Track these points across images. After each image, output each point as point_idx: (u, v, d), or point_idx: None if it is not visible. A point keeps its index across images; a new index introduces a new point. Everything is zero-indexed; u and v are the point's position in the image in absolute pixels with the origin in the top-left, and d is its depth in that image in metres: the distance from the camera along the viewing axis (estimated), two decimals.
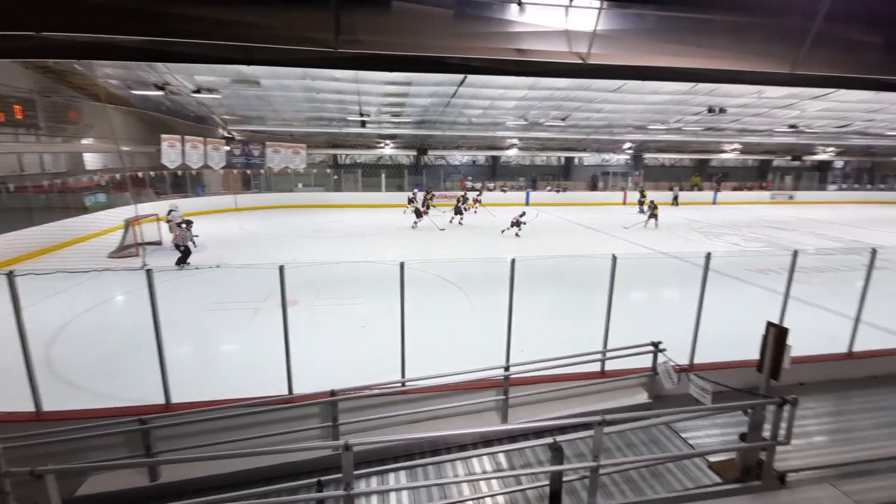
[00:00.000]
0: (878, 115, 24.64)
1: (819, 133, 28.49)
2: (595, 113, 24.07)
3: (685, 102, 22.15)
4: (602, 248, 16.29)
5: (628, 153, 34.00)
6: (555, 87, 19.60)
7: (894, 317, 7.33)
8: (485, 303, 9.76)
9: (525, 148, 32.56)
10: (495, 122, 25.77)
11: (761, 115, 24.35)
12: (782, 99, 21.22)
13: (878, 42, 3.74)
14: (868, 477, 4.13)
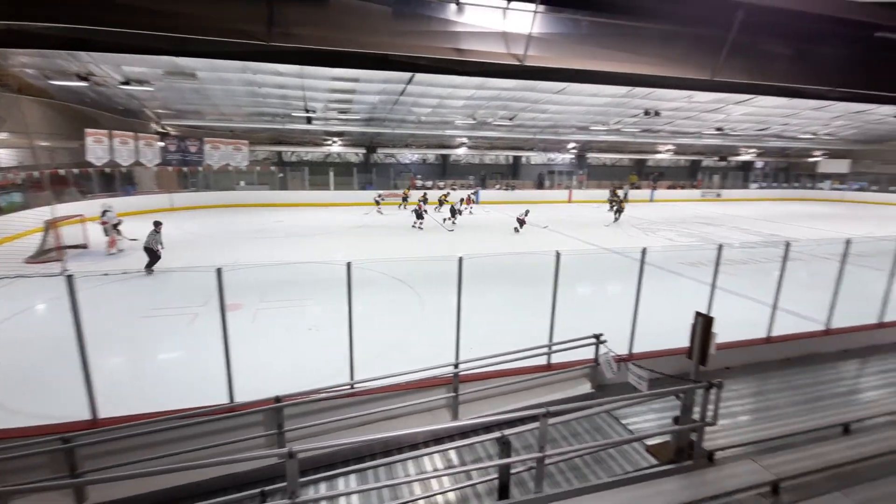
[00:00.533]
0: (792, 119, 27.03)
1: (742, 135, 30.88)
2: (541, 114, 24.75)
3: (624, 105, 23.25)
4: (548, 244, 16.79)
5: (573, 153, 35.23)
6: (502, 88, 19.96)
7: (806, 303, 8.08)
8: (436, 301, 9.80)
9: (474, 147, 32.94)
10: (444, 120, 25.88)
11: (691, 118, 26.01)
12: (710, 103, 22.78)
13: (788, 53, 4.11)
14: (784, 450, 4.53)
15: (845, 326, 7.68)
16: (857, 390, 6.44)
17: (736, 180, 38.93)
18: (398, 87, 19.50)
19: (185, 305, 9.45)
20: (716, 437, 4.81)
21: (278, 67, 16.55)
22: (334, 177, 29.31)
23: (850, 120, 27.35)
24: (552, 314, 6.19)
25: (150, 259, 12.18)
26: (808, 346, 7.43)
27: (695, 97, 21.25)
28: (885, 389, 6.37)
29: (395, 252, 14.91)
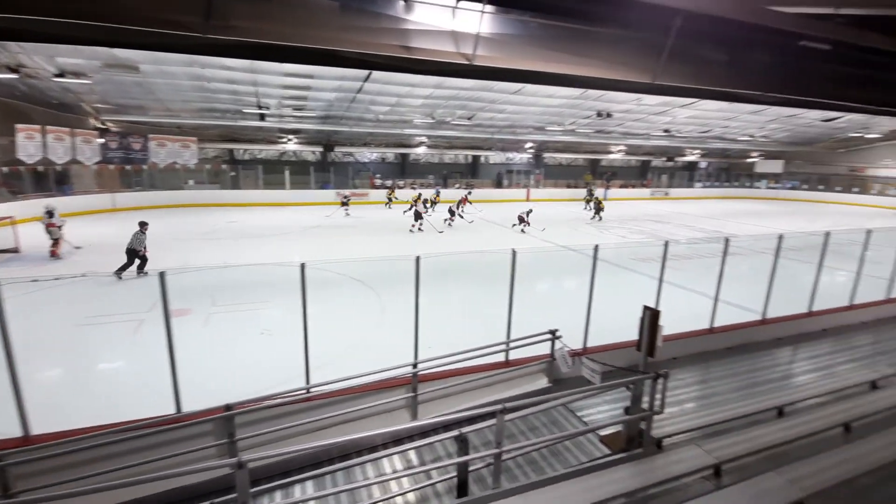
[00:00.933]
0: (731, 122, 28.71)
1: (687, 137, 32.51)
2: (498, 113, 25.08)
3: (577, 106, 23.93)
4: (507, 242, 17.05)
5: (530, 152, 35.93)
6: (460, 87, 20.07)
7: (745, 295, 8.60)
8: (396, 301, 9.74)
9: (433, 146, 32.96)
10: (403, 119, 25.74)
11: (641, 120, 27.11)
12: (657, 106, 23.82)
13: (724, 59, 4.36)
14: (725, 434, 4.81)
15: (779, 316, 8.25)
16: (789, 375, 6.93)
17: (682, 180, 40.94)
18: (355, 85, 19.21)
19: (130, 312, 8.94)
20: (664, 424, 5.03)
21: (227, 62, 15.93)
22: (290, 176, 28.52)
23: (783, 123, 29.36)
24: (509, 311, 6.29)
25: (129, 262, 11.59)
26: (746, 335, 7.92)
27: (643, 100, 22.16)
28: (814, 374, 6.89)
29: (355, 252, 14.69)
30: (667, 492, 4.04)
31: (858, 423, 5.10)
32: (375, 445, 5.05)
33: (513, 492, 3.95)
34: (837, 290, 9.31)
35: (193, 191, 26.51)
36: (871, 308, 9.31)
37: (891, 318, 9.45)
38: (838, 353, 7.68)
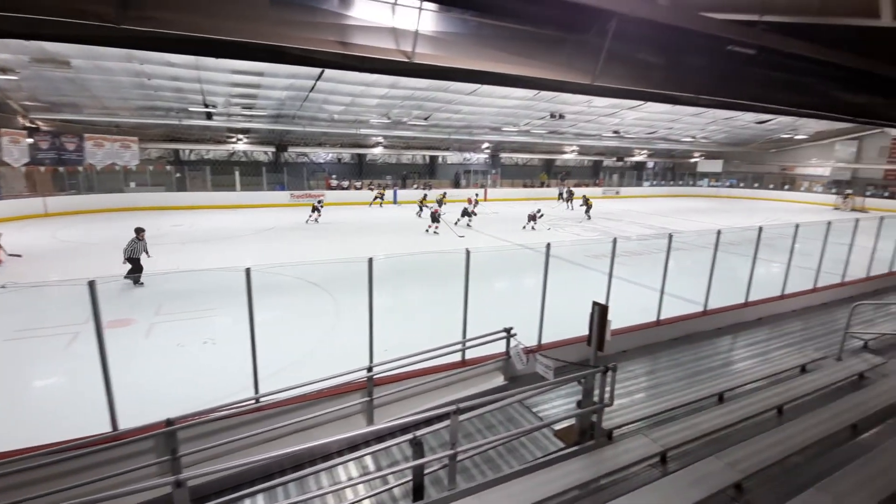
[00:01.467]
0: (675, 124, 30.19)
1: (635, 138, 33.92)
2: (454, 114, 25.20)
3: (531, 108, 24.42)
4: (464, 242, 17.15)
5: (486, 153, 36.34)
6: (415, 87, 20.02)
7: (689, 288, 9.04)
8: (351, 304, 9.56)
9: (390, 146, 32.71)
10: (359, 119, 25.39)
11: (592, 121, 28.01)
12: (607, 108, 24.69)
13: (660, 62, 4.56)
14: (671, 423, 5.02)
15: (719, 307, 8.73)
16: (729, 363, 7.34)
17: (632, 179, 42.66)
18: (307, 83, 18.76)
19: (62, 325, 8.31)
20: (614, 416, 5.19)
21: (170, 58, 15.14)
22: (241, 177, 27.49)
23: (721, 125, 31.18)
24: (464, 311, 6.31)
25: (133, 268, 11.18)
26: (690, 327, 8.32)
27: (593, 102, 22.90)
28: (751, 360, 7.33)
29: (311, 255, 14.32)
30: (616, 482, 4.17)
31: (790, 406, 5.46)
32: (330, 453, 4.93)
33: (468, 492, 3.95)
34: (771, 281, 9.96)
35: (135, 193, 25.06)
36: (801, 297, 10.02)
37: (818, 305, 10.22)
38: (772, 340, 8.21)
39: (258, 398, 4.94)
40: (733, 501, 3.88)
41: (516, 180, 38.39)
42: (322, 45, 3.13)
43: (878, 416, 5.07)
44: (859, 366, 6.36)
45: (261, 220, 21.93)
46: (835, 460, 4.21)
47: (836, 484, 3.54)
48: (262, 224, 20.72)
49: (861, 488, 3.50)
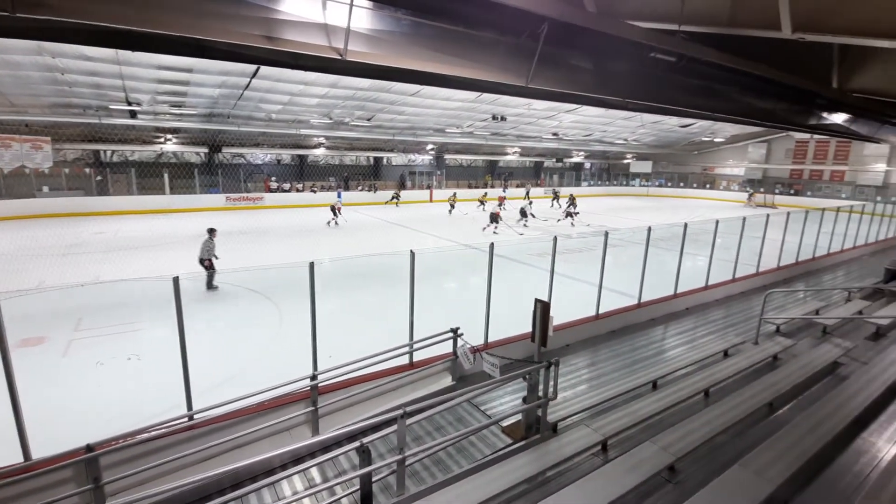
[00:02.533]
0: (609, 127, 31.78)
1: (573, 140, 35.37)
2: (398, 115, 25.06)
3: (474, 109, 24.78)
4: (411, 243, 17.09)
5: (431, 154, 36.46)
6: (357, 87, 19.70)
7: (625, 282, 9.53)
8: (295, 311, 9.22)
9: (333, 147, 31.97)
10: (298, 119, 24.60)
11: (532, 123, 28.88)
12: (546, 111, 25.53)
13: (590, 66, 4.77)
14: (610, 411, 5.25)
15: (651, 299, 9.26)
16: (662, 351, 7.80)
17: (571, 179, 44.45)
18: (242, 81, 17.94)
19: None
20: (559, 409, 5.36)
21: (85, 50, 13.94)
22: (171, 179, 25.79)
23: (650, 129, 33.21)
24: (411, 313, 6.27)
25: (209, 272, 10.86)
26: (626, 319, 8.77)
27: (533, 105, 23.59)
28: (681, 348, 7.83)
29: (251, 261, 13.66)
30: (561, 472, 4.30)
31: (714, 388, 5.89)
32: (273, 468, 4.72)
33: (418, 496, 3.92)
34: (696, 273, 10.71)
35: (49, 199, 22.78)
36: (722, 287, 10.86)
37: (737, 294, 11.12)
38: (699, 328, 8.83)
39: (192, 415, 4.64)
40: (667, 482, 4.11)
41: (461, 181, 38.83)
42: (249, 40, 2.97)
43: (791, 393, 5.59)
44: (773, 348, 6.98)
45: (194, 225, 20.63)
46: (755, 437, 4.58)
47: (756, 459, 3.84)
48: (195, 229, 19.50)
49: (778, 461, 3.83)
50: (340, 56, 3.36)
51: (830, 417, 4.50)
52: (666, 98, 5.87)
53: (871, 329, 7.73)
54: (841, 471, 3.95)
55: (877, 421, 4.70)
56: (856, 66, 6.99)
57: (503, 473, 4.11)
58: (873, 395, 4.98)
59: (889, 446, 4.25)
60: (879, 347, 6.96)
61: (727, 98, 6.61)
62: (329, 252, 15.40)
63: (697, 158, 43.75)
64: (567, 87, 4.76)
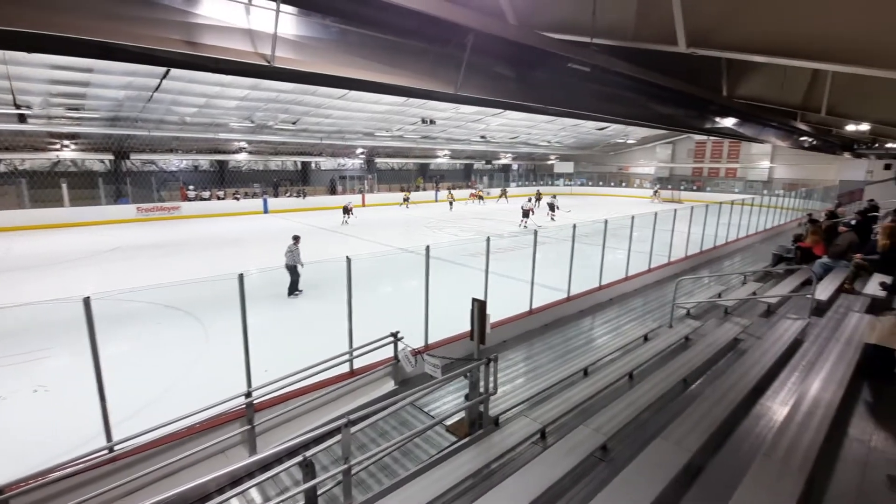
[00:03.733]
0: (533, 130, 33.21)
1: (500, 142, 36.54)
2: (325, 118, 24.47)
3: (403, 113, 24.82)
4: (346, 249, 16.78)
5: (361, 158, 35.98)
6: (279, 90, 19.00)
7: (555, 277, 10.04)
8: (222, 326, 8.73)
9: (256, 152, 30.53)
10: (217, 122, 23.22)
11: (461, 126, 29.46)
12: (473, 115, 26.18)
13: (513, 75, 5.04)
14: (547, 401, 5.52)
15: (580, 292, 9.85)
16: (591, 340, 8.32)
17: (500, 180, 45.87)
18: (150, 82, 16.64)
19: None
20: (499, 403, 5.55)
21: None
22: (70, 190, 23.28)
23: (570, 131, 35.17)
24: (349, 320, 6.20)
25: (294, 279, 11.02)
26: (558, 312, 9.25)
27: (461, 108, 24.09)
28: (607, 336, 8.40)
29: (171, 275, 12.68)
30: (504, 464, 4.47)
31: (637, 371, 6.40)
32: (209, 493, 4.46)
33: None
34: (617, 265, 11.52)
35: None
36: (640, 277, 11.78)
37: (653, 283, 12.11)
38: (622, 317, 9.52)
39: (112, 446, 4.27)
40: (601, 461, 4.42)
41: (393, 185, 38.71)
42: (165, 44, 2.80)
43: (701, 369, 6.20)
44: (685, 330, 7.70)
45: (101, 239, 18.83)
46: (673, 411, 5.04)
47: (675, 430, 4.24)
48: (102, 244, 17.81)
49: (693, 430, 4.25)
50: (268, 62, 3.27)
51: (734, 387, 5.07)
52: (582, 104, 6.31)
53: (763, 307, 8.77)
54: (744, 434, 4.47)
55: (771, 387, 5.37)
56: (740, 77, 7.94)
57: (449, 471, 4.20)
58: (767, 364, 5.68)
59: (782, 408, 4.87)
60: (770, 323, 7.91)
61: (635, 105, 7.24)
62: (258, 262, 14.72)
63: (614, 159, 47.05)
64: (493, 94, 4.98)
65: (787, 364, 5.87)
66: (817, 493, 3.36)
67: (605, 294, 10.53)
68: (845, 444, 3.99)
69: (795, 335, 6.64)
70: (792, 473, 3.32)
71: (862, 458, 3.78)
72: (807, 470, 3.37)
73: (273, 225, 23.49)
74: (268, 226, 23.17)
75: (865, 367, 5.31)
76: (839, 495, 3.34)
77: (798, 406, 4.37)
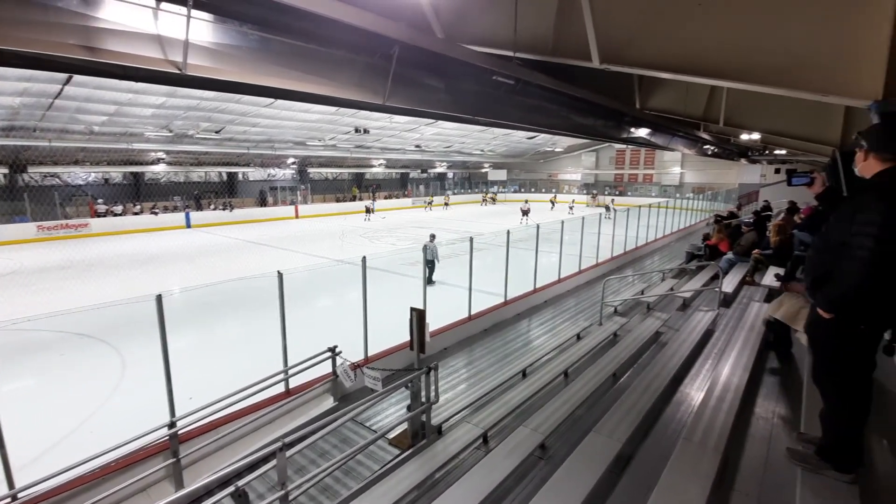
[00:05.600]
0: (466, 139, 33.93)
1: (435, 151, 36.93)
2: (252, 127, 23.46)
3: (335, 122, 24.38)
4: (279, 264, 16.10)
5: (293, 168, 34.82)
6: (200, 97, 17.99)
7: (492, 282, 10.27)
8: (141, 353, 8.04)
9: (176, 163, 28.57)
10: (130, 132, 21.48)
11: (395, 136, 29.43)
12: (407, 124, 26.27)
13: (441, 86, 5.15)
14: (488, 405, 5.61)
15: (516, 296, 10.15)
16: (528, 342, 8.59)
17: (436, 188, 46.33)
18: (51, 88, 15.12)
19: None
20: (442, 411, 5.56)
21: None
22: None
23: (502, 140, 36.34)
24: (283, 337, 5.96)
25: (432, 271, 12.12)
26: (496, 316, 9.47)
27: (394, 118, 24.09)
28: (543, 337, 8.71)
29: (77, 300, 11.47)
30: (449, 472, 4.48)
31: (571, 369, 6.69)
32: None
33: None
34: (550, 268, 12.02)
35: None
36: (572, 279, 12.37)
37: (584, 283, 12.76)
38: (556, 317, 9.92)
39: (15, 494, 3.77)
40: (540, 460, 4.56)
41: (328, 195, 37.85)
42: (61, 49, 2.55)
43: (628, 363, 6.60)
44: (613, 327, 8.17)
45: None
46: (605, 404, 5.31)
47: (606, 423, 4.47)
48: None
49: (623, 422, 4.51)
50: (179, 70, 3.07)
51: (657, 378, 5.44)
52: (508, 115, 6.57)
53: (679, 301, 9.52)
54: (667, 420, 4.81)
55: (689, 375, 5.83)
56: (651, 91, 8.65)
57: (393, 485, 4.14)
58: (684, 354, 6.16)
59: (698, 394, 5.29)
60: (686, 316, 8.61)
61: (557, 116, 7.66)
62: (182, 281, 13.74)
63: (543, 166, 49.22)
64: (423, 105, 5.04)
65: (702, 352, 6.40)
66: (731, 469, 3.68)
67: (540, 296, 10.93)
68: (752, 421, 4.41)
69: (707, 325, 7.26)
70: (709, 453, 3.62)
71: (767, 434, 4.19)
72: (721, 449, 3.68)
73: (197, 240, 22.05)
74: (191, 241, 21.72)
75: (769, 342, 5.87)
76: (749, 469, 3.68)
77: (712, 391, 4.78)
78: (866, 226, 2.40)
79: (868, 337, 2.65)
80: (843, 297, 2.56)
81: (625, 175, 44.15)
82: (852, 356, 2.73)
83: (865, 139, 2.60)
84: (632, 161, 43.38)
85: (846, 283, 2.51)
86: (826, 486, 2.89)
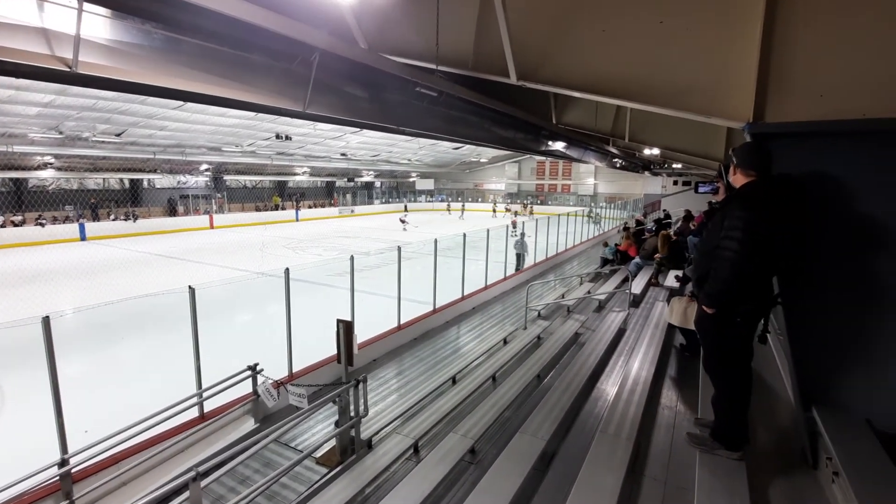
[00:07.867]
0: (393, 148, 33.90)
1: (361, 160, 36.48)
2: (158, 130, 21.67)
3: (254, 127, 23.25)
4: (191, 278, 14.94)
5: (207, 175, 32.60)
6: (97, 97, 16.33)
7: (420, 291, 10.30)
8: (27, 383, 7.06)
9: (67, 168, 25.57)
10: (10, 132, 18.92)
11: (319, 143, 28.68)
12: (332, 132, 25.70)
13: (364, 95, 5.13)
14: (418, 415, 5.62)
15: (445, 304, 10.27)
16: (457, 349, 8.70)
17: (363, 197, 45.76)
18: None
19: None
20: (372, 424, 5.46)
21: None
22: None
23: (429, 150, 36.77)
24: (196, 357, 5.54)
25: None
26: (425, 325, 9.50)
27: (318, 125, 23.46)
28: (472, 343, 8.88)
29: None
30: (379, 485, 4.40)
31: (499, 372, 6.89)
32: None
33: None
34: (477, 275, 12.31)
35: None
36: (498, 285, 12.77)
37: (510, 289, 13.22)
38: (484, 323, 10.17)
39: None
40: (470, 464, 4.64)
41: (247, 204, 35.86)
42: None
43: (551, 363, 6.93)
44: (536, 330, 8.55)
45: None
46: (530, 405, 5.53)
47: (531, 423, 4.66)
48: None
49: (546, 420, 4.72)
50: (69, 67, 2.77)
51: (576, 376, 5.78)
52: (432, 126, 6.69)
53: (595, 303, 10.19)
54: (586, 416, 5.12)
55: (604, 371, 6.25)
56: (565, 107, 9.25)
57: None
58: (600, 353, 6.60)
59: (613, 388, 5.68)
60: (601, 317, 9.23)
61: (479, 128, 7.93)
62: (75, 301, 12.28)
63: (469, 176, 50.48)
64: (345, 114, 4.99)
65: (615, 350, 6.90)
66: (642, 456, 3.99)
67: (468, 303, 11.15)
68: (659, 411, 4.82)
69: (619, 325, 7.85)
70: (622, 443, 3.90)
71: (670, 422, 4.61)
72: (633, 438, 3.99)
73: (94, 254, 19.83)
74: (87, 255, 19.48)
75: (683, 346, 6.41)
76: (657, 454, 4.02)
77: (624, 384, 5.17)
78: (732, 230, 2.79)
79: (744, 328, 3.03)
80: (718, 294, 2.93)
81: (545, 185, 46.63)
82: (732, 346, 3.10)
83: (735, 156, 3.03)
84: (551, 172, 45.93)
85: (719, 281, 2.88)
86: (719, 464, 3.24)
